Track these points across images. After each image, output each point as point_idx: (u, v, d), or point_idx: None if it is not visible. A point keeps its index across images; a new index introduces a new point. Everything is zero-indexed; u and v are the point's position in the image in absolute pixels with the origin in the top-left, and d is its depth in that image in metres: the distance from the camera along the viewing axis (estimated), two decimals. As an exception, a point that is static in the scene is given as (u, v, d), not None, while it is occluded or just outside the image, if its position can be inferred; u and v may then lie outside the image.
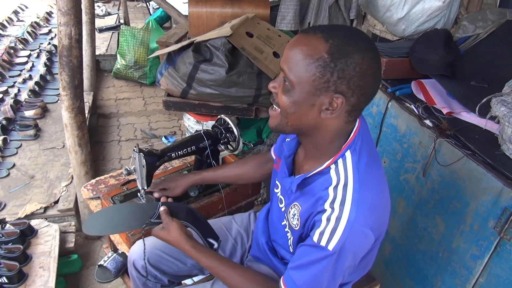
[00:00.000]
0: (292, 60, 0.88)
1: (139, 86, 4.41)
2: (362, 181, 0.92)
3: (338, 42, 0.85)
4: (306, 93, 0.89)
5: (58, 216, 2.30)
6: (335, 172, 0.95)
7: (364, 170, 0.94)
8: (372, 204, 0.92)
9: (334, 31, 0.87)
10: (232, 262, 1.15)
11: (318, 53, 0.85)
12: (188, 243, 1.15)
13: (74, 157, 2.08)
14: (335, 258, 0.92)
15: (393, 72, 1.80)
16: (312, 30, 0.88)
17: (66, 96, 1.89)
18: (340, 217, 0.90)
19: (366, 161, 0.95)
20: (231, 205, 1.69)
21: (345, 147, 0.95)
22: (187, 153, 1.56)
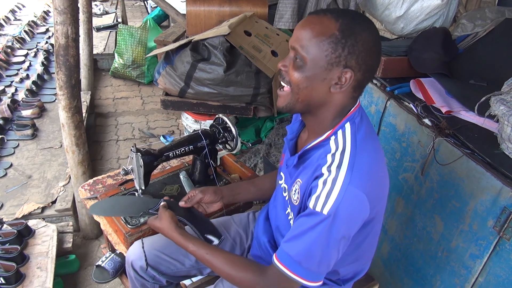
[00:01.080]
0: (305, 38, 0.94)
1: (137, 85, 4.40)
2: (359, 148, 0.97)
3: (347, 21, 0.92)
4: (319, 67, 0.95)
5: (55, 216, 2.29)
6: (334, 141, 0.99)
7: (361, 139, 0.99)
8: (368, 170, 0.95)
9: (342, 12, 0.95)
10: (217, 247, 1.17)
11: (330, 31, 0.92)
12: (176, 231, 1.18)
13: (71, 157, 2.07)
14: (329, 223, 0.93)
15: (391, 71, 1.79)
16: (322, 11, 0.95)
17: (63, 96, 1.88)
18: (336, 179, 0.93)
19: (364, 133, 1.00)
20: (230, 205, 1.68)
21: (345, 119, 1.01)
22: (185, 152, 1.55)
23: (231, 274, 1.08)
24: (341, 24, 0.92)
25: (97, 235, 2.39)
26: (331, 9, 0.97)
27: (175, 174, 1.75)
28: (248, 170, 1.78)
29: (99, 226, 2.36)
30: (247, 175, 1.75)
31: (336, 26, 0.92)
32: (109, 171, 2.91)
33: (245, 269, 1.07)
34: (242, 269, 1.07)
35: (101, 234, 2.38)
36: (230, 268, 1.09)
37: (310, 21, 0.95)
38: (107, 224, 1.55)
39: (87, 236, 2.38)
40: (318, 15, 0.95)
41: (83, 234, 2.38)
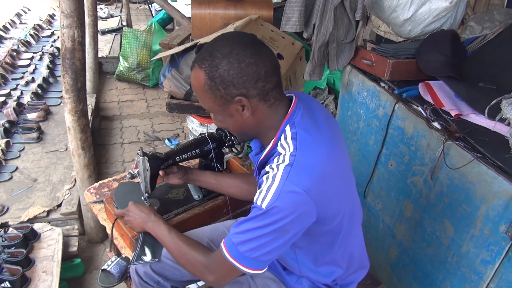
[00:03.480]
0: (197, 95, 1.04)
1: (141, 88, 4.41)
2: (300, 146, 0.99)
3: (207, 63, 0.97)
4: (218, 111, 1.03)
5: (61, 219, 2.28)
6: (281, 146, 1.02)
7: (302, 137, 1.00)
8: (308, 166, 0.96)
9: (202, 54, 0.99)
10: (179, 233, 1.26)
11: (201, 81, 0.99)
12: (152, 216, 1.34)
13: (77, 160, 2.06)
14: (267, 216, 0.95)
15: (399, 73, 1.78)
16: (192, 63, 1.01)
17: (69, 99, 1.88)
18: (275, 175, 0.96)
19: (306, 131, 1.02)
20: (236, 209, 1.67)
21: (284, 122, 1.04)
22: (191, 156, 1.53)
23: (187, 255, 1.18)
24: (205, 69, 0.97)
25: (102, 238, 2.38)
26: (199, 54, 1.00)
27: (181, 178, 1.73)
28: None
29: (104, 230, 2.35)
30: (253, 178, 1.74)
31: (203, 75, 0.98)
32: (114, 175, 2.91)
33: (199, 251, 1.17)
34: (196, 251, 1.17)
35: (106, 238, 2.37)
36: (188, 249, 1.18)
37: (191, 79, 1.03)
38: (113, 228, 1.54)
39: (92, 239, 2.37)
40: (192, 68, 1.01)
41: (88, 237, 2.37)
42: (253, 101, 1.00)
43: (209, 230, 1.45)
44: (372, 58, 1.83)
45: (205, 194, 1.63)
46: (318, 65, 1.96)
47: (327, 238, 1.12)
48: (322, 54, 1.93)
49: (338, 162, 1.06)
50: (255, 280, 1.32)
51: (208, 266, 1.12)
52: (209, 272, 1.12)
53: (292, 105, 1.05)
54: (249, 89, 0.98)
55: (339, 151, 1.09)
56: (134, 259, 1.33)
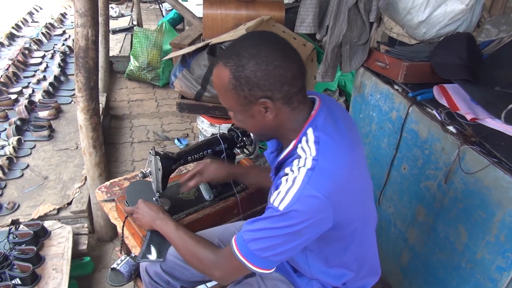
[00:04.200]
0: (218, 93, 1.03)
1: (151, 87, 4.43)
2: (322, 150, 0.98)
3: (233, 61, 0.96)
4: (240, 111, 1.02)
5: (71, 217, 2.30)
6: (301, 149, 1.01)
7: (325, 142, 0.99)
8: (330, 172, 0.95)
9: (228, 52, 0.98)
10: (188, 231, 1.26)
11: (226, 80, 0.97)
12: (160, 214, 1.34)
13: (88, 158, 2.08)
14: (283, 218, 0.94)
15: (413, 76, 1.76)
16: (216, 60, 1.00)
17: (81, 98, 1.89)
18: (296, 177, 0.95)
19: (329, 133, 1.01)
20: (247, 210, 1.67)
21: (306, 125, 1.02)
22: (203, 156, 1.53)
23: (194, 251, 1.18)
24: (231, 68, 0.96)
25: (111, 237, 2.39)
26: (227, 50, 0.99)
27: (192, 178, 1.73)
28: (266, 175, 1.76)
29: (114, 228, 2.36)
30: (264, 180, 1.73)
31: (227, 73, 0.96)
32: (124, 174, 2.93)
33: (207, 248, 1.17)
34: (204, 247, 1.17)
35: (116, 237, 2.38)
36: (195, 245, 1.19)
37: (213, 76, 1.02)
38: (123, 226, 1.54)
39: (102, 238, 2.38)
40: (216, 65, 0.99)
41: (98, 236, 2.38)
42: (277, 104, 0.99)
43: (219, 231, 1.45)
44: (386, 60, 1.82)
45: (216, 195, 1.63)
46: (331, 66, 1.95)
47: (341, 243, 1.11)
48: (335, 56, 1.93)
49: (358, 167, 1.05)
50: (265, 281, 1.32)
51: (216, 262, 1.12)
52: (216, 267, 1.12)
53: (316, 108, 1.04)
54: (274, 92, 0.97)
55: (359, 156, 1.08)
56: (140, 257, 1.34)
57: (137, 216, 1.39)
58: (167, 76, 4.36)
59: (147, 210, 1.37)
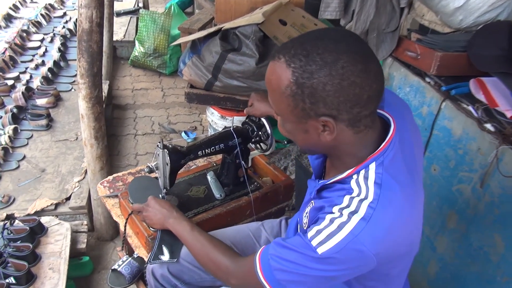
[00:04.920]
0: (269, 91, 0.93)
1: (157, 75, 4.44)
2: (382, 199, 0.90)
3: (299, 63, 0.85)
4: (291, 122, 0.94)
5: (69, 214, 2.32)
6: (356, 183, 0.94)
7: (388, 187, 0.91)
8: (386, 228, 0.88)
9: (295, 49, 0.87)
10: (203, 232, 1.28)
11: (284, 82, 0.87)
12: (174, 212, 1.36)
13: (89, 150, 2.09)
14: (318, 262, 0.91)
15: (447, 68, 1.74)
16: (277, 53, 0.89)
17: (84, 85, 1.90)
18: (344, 224, 0.89)
19: (395, 178, 0.92)
20: (260, 211, 1.67)
21: (370, 158, 0.94)
22: (214, 151, 1.54)
23: (210, 255, 1.18)
24: (294, 70, 0.86)
25: (112, 236, 2.41)
26: (289, 44, 0.89)
27: (202, 175, 1.74)
28: (281, 173, 1.75)
29: (115, 227, 2.39)
30: (280, 178, 1.73)
31: (288, 75, 0.86)
32: (127, 168, 2.95)
33: (225, 253, 1.17)
34: (222, 252, 1.17)
35: (117, 236, 2.40)
36: (212, 248, 1.19)
37: (269, 70, 0.92)
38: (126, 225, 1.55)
39: (102, 237, 2.40)
40: (273, 60, 0.90)
41: (98, 234, 2.40)
42: (340, 125, 0.90)
43: (232, 232, 1.46)
44: (417, 50, 1.80)
45: (227, 194, 1.64)
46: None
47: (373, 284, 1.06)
48: (361, 44, 1.90)
49: (417, 215, 0.98)
50: None
51: (234, 271, 1.13)
52: (234, 276, 1.13)
53: (388, 139, 0.94)
54: (342, 112, 0.87)
55: (420, 196, 1.02)
56: (151, 258, 1.35)
57: (147, 214, 1.39)
58: (175, 64, 4.37)
59: (159, 208, 1.37)
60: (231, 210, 1.58)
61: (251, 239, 1.46)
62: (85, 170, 2.51)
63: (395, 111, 1.02)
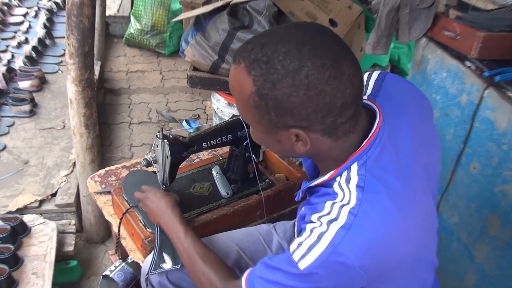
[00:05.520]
0: (234, 98, 0.95)
1: (155, 56, 4.46)
2: (364, 204, 0.89)
3: (260, 71, 0.85)
4: (260, 132, 0.96)
5: (55, 212, 2.35)
6: (339, 186, 0.95)
7: (372, 190, 0.91)
8: (370, 236, 0.88)
9: (255, 53, 0.86)
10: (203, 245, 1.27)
11: (246, 92, 0.88)
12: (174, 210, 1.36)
13: (78, 140, 2.11)
14: (300, 280, 0.92)
15: (491, 50, 1.73)
16: (238, 56, 0.89)
17: (73, 65, 1.91)
18: (323, 234, 0.89)
19: (381, 180, 0.92)
20: (272, 212, 1.68)
21: (351, 159, 0.94)
22: (221, 143, 1.54)
23: (201, 268, 1.20)
24: (254, 79, 0.86)
25: (103, 238, 2.44)
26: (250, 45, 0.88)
27: (206, 169, 1.75)
28: (297, 169, 1.76)
29: (106, 228, 2.42)
30: (295, 175, 1.73)
31: (249, 84, 0.87)
32: (120, 161, 2.98)
33: (218, 270, 1.18)
34: (214, 269, 1.19)
35: (109, 238, 2.43)
36: (204, 262, 1.21)
37: (230, 74, 0.93)
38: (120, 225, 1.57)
39: (92, 239, 2.43)
40: (234, 63, 0.90)
41: (87, 236, 2.43)
42: (314, 135, 0.91)
43: (239, 236, 1.47)
44: (456, 30, 1.79)
45: (235, 191, 1.64)
46: (384, 35, 1.93)
47: None
48: (391, 22, 1.91)
49: (414, 222, 0.95)
50: None
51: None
52: None
53: (370, 136, 0.94)
54: (313, 123, 0.88)
55: (424, 201, 1.01)
56: (152, 269, 1.36)
57: (146, 203, 1.41)
58: (176, 43, 4.38)
59: (155, 200, 1.39)
60: (239, 211, 1.58)
61: (262, 244, 1.46)
62: (73, 163, 2.53)
63: (393, 105, 1.02)
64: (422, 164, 1.02)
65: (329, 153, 0.96)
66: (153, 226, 1.44)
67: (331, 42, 0.86)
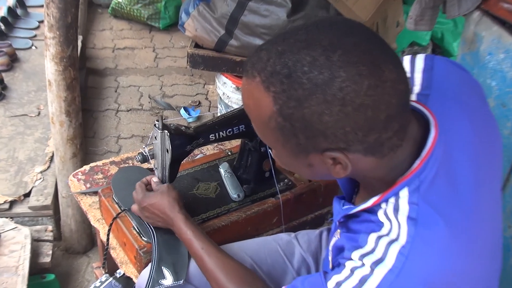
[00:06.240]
0: (250, 118, 0.94)
1: (148, 30, 4.46)
2: (417, 242, 0.87)
3: (280, 86, 0.82)
4: (289, 157, 0.93)
5: (29, 215, 2.35)
6: (384, 215, 0.93)
7: (427, 224, 0.88)
8: (426, 283, 0.86)
9: (273, 64, 0.83)
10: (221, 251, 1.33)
11: (266, 112, 0.86)
12: (181, 212, 1.39)
13: (58, 130, 2.11)
14: None
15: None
16: (250, 68, 0.86)
17: (53, 40, 1.91)
18: (366, 278, 0.87)
19: (438, 210, 0.89)
20: (292, 219, 1.68)
21: (400, 183, 0.91)
22: (232, 135, 1.53)
23: (221, 281, 1.26)
24: (275, 97, 0.83)
25: (85, 248, 2.45)
26: (261, 56, 0.85)
27: (212, 167, 1.75)
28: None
29: (90, 235, 2.42)
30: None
31: (269, 102, 0.84)
32: (107, 156, 2.98)
33: (242, 284, 1.24)
34: (237, 281, 1.25)
35: (93, 247, 2.44)
36: (222, 273, 1.27)
37: (243, 90, 0.92)
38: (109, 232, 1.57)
39: (72, 248, 2.44)
40: (246, 76, 0.88)
41: (67, 245, 2.44)
42: (355, 155, 0.88)
43: (253, 246, 1.47)
44: (517, 0, 1.77)
45: (247, 194, 1.64)
46: (429, 7, 1.92)
47: None
48: (437, -9, 1.89)
49: (479, 262, 0.94)
50: None
51: None
52: None
53: (425, 156, 0.91)
54: (353, 143, 0.85)
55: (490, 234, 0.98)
56: (149, 285, 1.36)
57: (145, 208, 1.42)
58: (172, 15, 4.37)
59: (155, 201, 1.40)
60: (252, 217, 1.58)
61: (281, 257, 1.46)
62: (50, 157, 2.53)
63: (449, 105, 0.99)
64: (487, 181, 0.99)
65: (373, 173, 0.94)
66: (149, 234, 1.44)
67: (366, 42, 0.83)
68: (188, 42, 2.74)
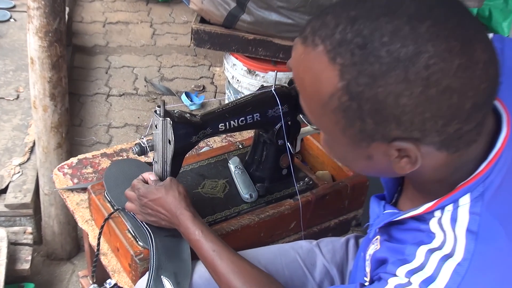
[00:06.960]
0: (302, 96, 0.91)
1: (144, 2, 4.46)
2: (477, 259, 0.85)
3: (351, 59, 0.78)
4: (345, 145, 0.90)
5: (5, 215, 2.37)
6: (438, 225, 0.91)
7: (489, 239, 0.87)
8: None
9: (343, 30, 0.79)
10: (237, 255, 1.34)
11: (327, 88, 0.82)
12: (188, 209, 1.40)
13: (41, 116, 2.11)
14: None
15: None
16: (311, 34, 0.82)
17: (37, 11, 1.91)
18: None
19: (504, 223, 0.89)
20: (313, 224, 1.69)
21: (462, 188, 0.90)
22: (244, 125, 1.53)
23: (236, 287, 1.27)
24: (342, 71, 0.79)
25: (70, 253, 2.46)
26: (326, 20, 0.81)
27: (220, 162, 1.75)
28: (348, 165, 1.75)
29: (75, 239, 2.43)
30: (345, 173, 1.73)
31: (334, 76, 0.80)
32: (96, 147, 2.99)
33: None
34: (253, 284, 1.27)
35: (79, 252, 2.45)
36: (237, 278, 1.28)
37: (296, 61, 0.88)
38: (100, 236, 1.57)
39: (54, 254, 2.45)
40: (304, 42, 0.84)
41: (48, 249, 2.45)
42: (427, 148, 0.85)
43: (269, 255, 1.48)
44: None
45: (261, 194, 1.64)
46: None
47: None
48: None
49: None
50: None
51: None
52: None
53: (493, 157, 0.89)
54: (429, 133, 0.82)
55: None
56: None
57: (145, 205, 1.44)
58: (173, -16, 4.38)
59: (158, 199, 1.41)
60: (266, 221, 1.58)
61: (300, 268, 1.46)
62: (31, 147, 2.55)
63: None
64: None
65: (436, 172, 0.92)
66: (147, 238, 1.45)
67: (459, 15, 0.81)
68: (193, 17, 2.73)
